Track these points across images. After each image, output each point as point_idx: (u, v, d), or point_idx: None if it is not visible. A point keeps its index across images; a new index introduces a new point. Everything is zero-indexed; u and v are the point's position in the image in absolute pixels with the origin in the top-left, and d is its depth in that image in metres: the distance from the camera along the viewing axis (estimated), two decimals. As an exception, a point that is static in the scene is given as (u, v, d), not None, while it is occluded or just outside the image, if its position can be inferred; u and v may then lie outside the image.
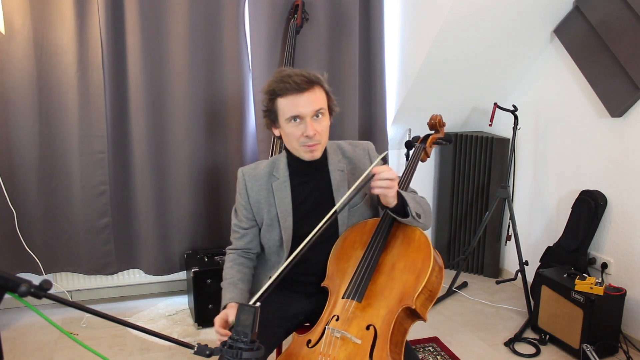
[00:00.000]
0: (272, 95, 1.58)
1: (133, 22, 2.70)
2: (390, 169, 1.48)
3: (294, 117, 1.56)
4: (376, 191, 1.47)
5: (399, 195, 1.52)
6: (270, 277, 1.71)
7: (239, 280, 1.66)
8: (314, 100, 1.55)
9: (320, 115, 1.57)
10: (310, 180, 1.70)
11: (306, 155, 1.62)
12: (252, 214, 1.72)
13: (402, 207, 1.54)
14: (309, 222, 1.67)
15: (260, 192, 1.70)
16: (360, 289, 1.51)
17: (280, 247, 1.71)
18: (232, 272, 1.68)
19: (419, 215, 1.56)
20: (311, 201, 1.70)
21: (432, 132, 1.91)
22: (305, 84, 1.53)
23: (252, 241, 1.75)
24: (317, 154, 1.62)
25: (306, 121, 1.55)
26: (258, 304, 1.30)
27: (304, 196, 1.70)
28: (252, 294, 1.63)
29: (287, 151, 1.69)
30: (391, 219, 1.61)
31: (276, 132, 1.65)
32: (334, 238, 1.68)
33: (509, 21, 2.82)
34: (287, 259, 1.68)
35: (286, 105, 1.55)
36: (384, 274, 1.54)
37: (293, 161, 1.69)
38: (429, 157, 1.69)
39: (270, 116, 1.62)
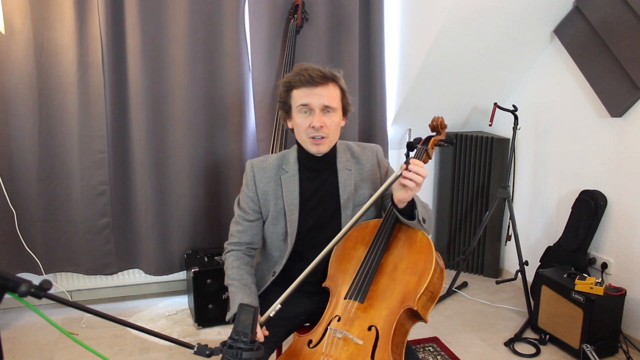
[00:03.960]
0: (287, 86, 1.65)
1: (133, 22, 2.69)
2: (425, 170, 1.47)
3: (304, 108, 1.61)
4: (405, 182, 1.44)
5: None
6: (275, 273, 1.72)
7: (252, 283, 1.67)
8: (326, 95, 1.60)
9: (330, 111, 1.62)
10: (318, 176, 1.73)
11: (312, 148, 1.65)
12: (258, 206, 1.73)
13: (409, 210, 1.54)
14: (313, 217, 1.70)
15: (269, 184, 1.72)
16: (362, 290, 1.51)
17: (284, 241, 1.72)
18: (242, 272, 1.68)
19: (424, 220, 1.56)
20: (318, 197, 1.72)
21: (434, 133, 1.90)
22: (320, 79, 1.59)
23: (256, 235, 1.75)
24: (323, 149, 1.65)
25: (315, 113, 1.60)
26: (278, 306, 1.33)
27: (311, 191, 1.72)
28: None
29: (298, 145, 1.72)
30: (393, 220, 1.61)
31: (289, 125, 1.70)
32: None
33: (509, 21, 2.82)
34: (289, 254, 1.69)
35: (298, 96, 1.62)
36: (385, 275, 1.54)
37: (303, 156, 1.71)
38: (430, 158, 1.69)
39: (284, 107, 1.68)
